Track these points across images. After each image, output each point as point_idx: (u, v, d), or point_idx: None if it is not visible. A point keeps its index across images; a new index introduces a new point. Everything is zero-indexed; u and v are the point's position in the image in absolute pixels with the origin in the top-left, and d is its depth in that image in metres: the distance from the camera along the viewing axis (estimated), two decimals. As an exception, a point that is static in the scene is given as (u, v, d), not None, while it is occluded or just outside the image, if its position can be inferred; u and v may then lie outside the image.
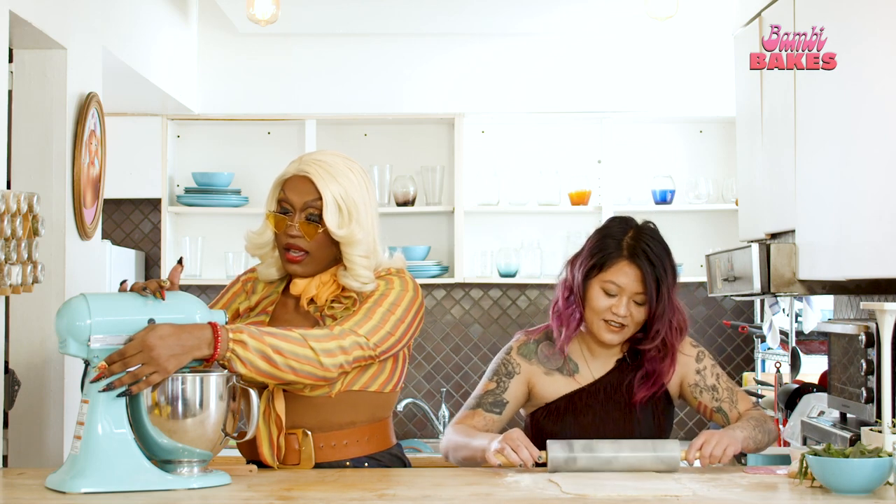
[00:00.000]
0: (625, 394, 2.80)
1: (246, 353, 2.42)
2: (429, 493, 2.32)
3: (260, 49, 5.61)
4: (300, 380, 2.50)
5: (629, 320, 2.75)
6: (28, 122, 3.52)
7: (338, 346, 2.51)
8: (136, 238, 5.70)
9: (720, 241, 5.35)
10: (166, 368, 2.33)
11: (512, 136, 5.71)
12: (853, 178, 3.27)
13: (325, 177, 2.62)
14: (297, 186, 2.63)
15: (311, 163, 2.64)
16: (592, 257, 2.78)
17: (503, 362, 2.86)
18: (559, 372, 2.83)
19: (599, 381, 2.82)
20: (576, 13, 5.26)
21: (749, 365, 5.62)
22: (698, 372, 2.83)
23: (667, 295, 2.75)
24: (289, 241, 2.63)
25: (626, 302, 2.74)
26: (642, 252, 2.75)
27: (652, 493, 2.32)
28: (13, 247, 2.94)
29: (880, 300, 3.24)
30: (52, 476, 2.38)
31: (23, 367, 3.39)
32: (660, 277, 2.74)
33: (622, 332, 2.77)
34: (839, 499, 2.27)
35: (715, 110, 5.52)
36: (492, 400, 2.82)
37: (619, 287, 2.74)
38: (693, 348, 2.87)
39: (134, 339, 2.34)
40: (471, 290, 5.72)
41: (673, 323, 2.78)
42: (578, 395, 2.81)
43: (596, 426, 2.77)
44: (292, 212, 2.63)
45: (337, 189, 2.62)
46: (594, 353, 2.85)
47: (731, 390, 2.84)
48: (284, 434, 2.63)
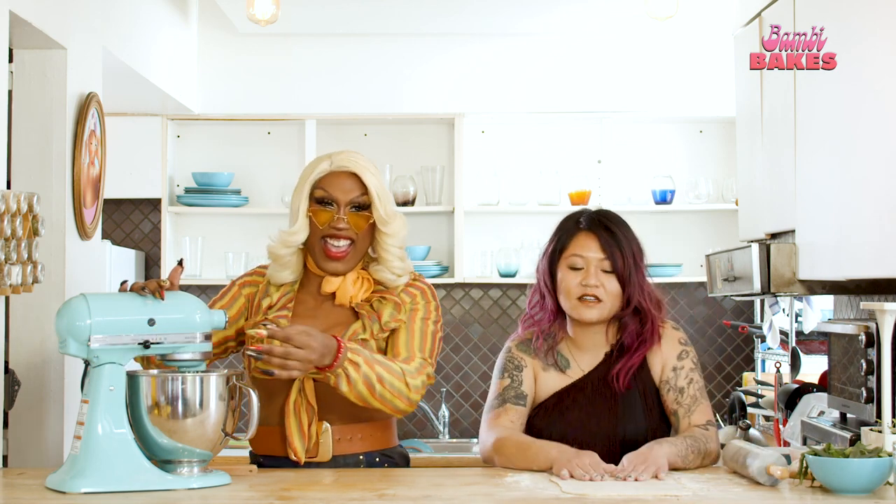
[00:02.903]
0: (611, 385, 2.78)
1: (355, 375, 2.52)
2: (429, 493, 2.32)
3: (260, 49, 5.61)
4: (381, 408, 2.61)
5: (602, 292, 2.76)
6: (28, 122, 3.52)
7: (422, 381, 2.66)
8: (136, 238, 5.70)
9: (720, 241, 5.35)
10: (307, 369, 2.47)
11: (512, 136, 5.71)
12: (853, 178, 3.27)
13: (366, 171, 2.71)
14: (340, 182, 2.69)
15: (346, 159, 2.71)
16: (553, 242, 2.87)
17: (508, 359, 2.86)
18: (553, 367, 2.83)
19: (587, 377, 2.81)
20: (576, 13, 5.26)
21: (749, 365, 5.62)
22: (674, 369, 2.80)
23: (631, 260, 2.78)
24: (335, 232, 2.68)
25: (595, 271, 2.77)
26: (597, 222, 2.82)
27: (652, 493, 2.32)
28: (13, 247, 2.94)
29: (880, 300, 3.24)
30: (52, 476, 2.38)
31: (23, 367, 3.39)
32: (620, 242, 2.78)
33: (599, 307, 2.77)
34: (839, 499, 2.27)
35: (715, 110, 5.52)
36: (514, 394, 2.80)
37: (584, 258, 2.78)
38: (680, 346, 2.84)
39: (300, 332, 2.43)
40: (471, 290, 5.72)
41: (646, 289, 2.80)
42: (567, 392, 2.80)
43: (581, 422, 2.76)
44: (335, 206, 2.68)
45: (377, 182, 2.72)
46: (581, 348, 2.84)
47: (695, 398, 2.78)
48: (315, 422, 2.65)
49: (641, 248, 2.84)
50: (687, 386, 2.78)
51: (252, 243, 5.60)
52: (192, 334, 2.45)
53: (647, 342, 2.80)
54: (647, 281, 2.83)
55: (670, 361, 2.82)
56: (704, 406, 2.78)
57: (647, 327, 2.80)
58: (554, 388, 2.82)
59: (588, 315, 2.78)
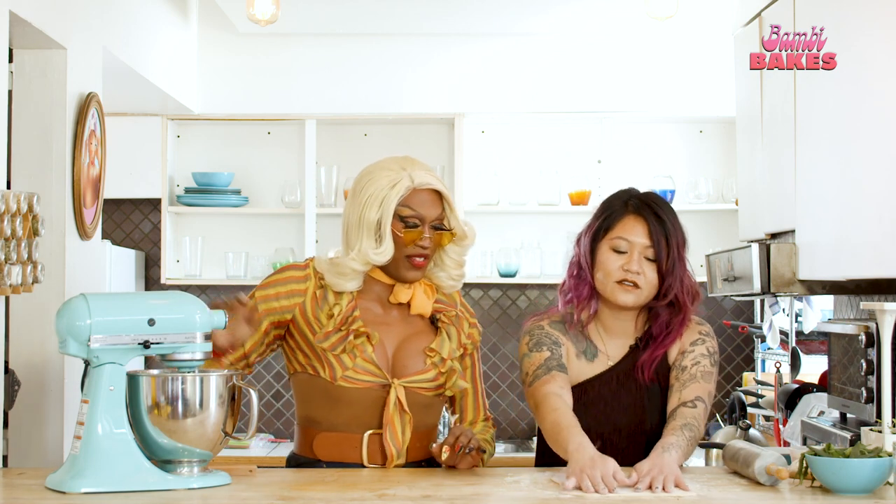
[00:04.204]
0: (636, 378, 2.72)
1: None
2: (429, 493, 2.32)
3: (260, 49, 5.61)
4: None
5: (642, 279, 2.69)
6: (28, 122, 3.52)
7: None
8: (136, 238, 5.70)
9: (720, 241, 5.34)
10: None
11: (512, 136, 5.71)
12: (853, 178, 3.27)
13: (443, 188, 2.75)
14: (427, 200, 2.71)
15: (427, 176, 2.71)
16: (598, 219, 2.78)
17: (545, 334, 2.76)
18: (584, 355, 2.76)
19: (612, 370, 2.74)
20: (576, 13, 5.25)
21: (749, 365, 5.62)
22: (683, 352, 2.74)
23: (676, 251, 2.71)
24: (420, 251, 2.70)
25: (637, 258, 2.69)
26: (647, 207, 2.74)
27: (652, 492, 2.32)
28: (13, 247, 2.94)
29: (880, 300, 3.24)
30: (52, 476, 2.38)
31: (23, 367, 3.39)
32: (668, 232, 2.71)
33: (636, 293, 2.70)
34: (839, 499, 2.27)
35: (715, 110, 5.52)
36: (556, 363, 2.70)
37: (629, 242, 2.70)
38: (698, 335, 2.78)
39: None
40: (471, 290, 5.72)
41: (685, 282, 2.73)
42: (591, 383, 2.73)
43: (606, 415, 2.71)
44: (421, 225, 2.69)
45: (450, 197, 2.77)
46: (610, 332, 2.77)
47: (693, 377, 2.69)
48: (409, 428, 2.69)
49: (685, 239, 2.76)
50: (690, 366, 2.71)
51: (252, 243, 5.61)
52: (192, 334, 2.44)
53: (672, 334, 2.73)
54: (688, 272, 2.76)
55: (685, 347, 2.75)
56: (699, 385, 2.68)
57: (677, 318, 2.74)
58: (579, 378, 2.74)
59: (624, 299, 2.70)
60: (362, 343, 2.66)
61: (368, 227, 2.67)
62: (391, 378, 2.67)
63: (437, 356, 2.71)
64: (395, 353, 2.71)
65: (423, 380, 2.70)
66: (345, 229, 2.73)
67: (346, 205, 2.75)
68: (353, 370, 2.64)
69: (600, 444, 2.54)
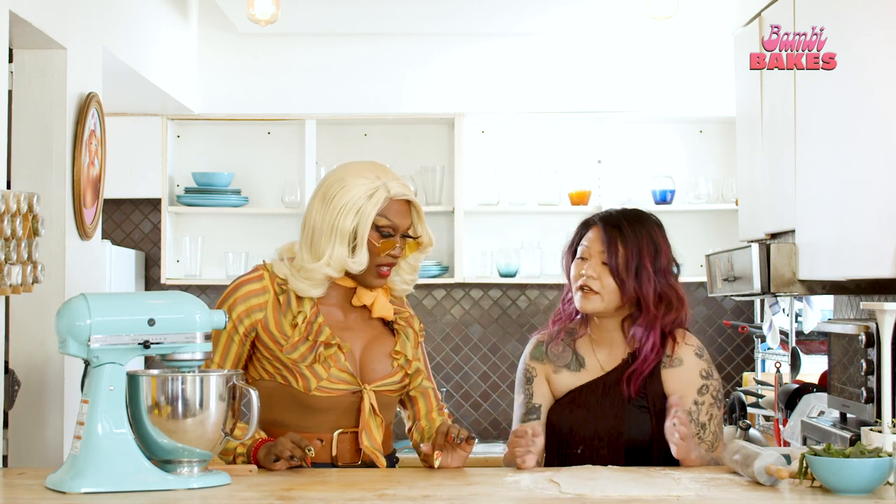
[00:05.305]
0: (622, 390, 2.79)
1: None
2: (429, 493, 2.32)
3: (260, 49, 5.61)
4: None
5: (598, 284, 2.79)
6: (28, 122, 3.52)
7: None
8: (136, 238, 5.70)
9: (720, 241, 5.35)
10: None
11: (512, 136, 5.71)
12: (853, 178, 3.27)
13: (414, 198, 2.76)
14: (401, 211, 2.71)
15: (402, 187, 2.71)
16: (573, 237, 2.93)
17: (522, 372, 2.93)
18: (566, 368, 2.87)
19: (601, 379, 2.83)
20: (576, 13, 5.26)
21: (749, 365, 5.62)
22: (696, 403, 2.80)
23: (636, 258, 2.79)
24: (391, 260, 2.72)
25: (594, 263, 2.81)
26: (609, 218, 2.87)
27: (652, 493, 2.32)
28: (13, 247, 2.94)
29: (880, 300, 3.24)
30: (52, 476, 2.38)
31: (23, 367, 3.39)
32: (625, 238, 2.80)
33: (595, 298, 2.80)
34: (839, 499, 2.27)
35: (715, 110, 5.52)
36: (525, 410, 2.87)
37: (587, 248, 2.84)
38: (702, 380, 2.82)
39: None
40: (471, 290, 5.72)
41: (658, 290, 2.79)
42: (579, 391, 2.83)
43: (588, 421, 2.78)
44: (394, 234, 2.71)
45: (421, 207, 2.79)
46: (599, 344, 2.87)
47: (716, 435, 2.81)
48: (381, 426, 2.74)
49: (657, 248, 2.83)
50: (708, 422, 2.80)
51: (252, 243, 5.61)
52: (192, 334, 2.44)
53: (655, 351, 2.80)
54: (665, 281, 2.81)
55: (690, 395, 2.79)
56: (722, 440, 2.82)
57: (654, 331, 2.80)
58: (568, 387, 2.86)
59: (584, 305, 2.82)
60: (334, 353, 2.67)
61: (342, 235, 2.65)
62: (363, 384, 2.70)
63: (403, 357, 2.77)
64: (362, 357, 2.74)
65: (391, 383, 2.75)
66: (309, 233, 2.68)
67: (312, 207, 2.70)
68: (328, 380, 2.66)
69: (582, 448, 2.74)
